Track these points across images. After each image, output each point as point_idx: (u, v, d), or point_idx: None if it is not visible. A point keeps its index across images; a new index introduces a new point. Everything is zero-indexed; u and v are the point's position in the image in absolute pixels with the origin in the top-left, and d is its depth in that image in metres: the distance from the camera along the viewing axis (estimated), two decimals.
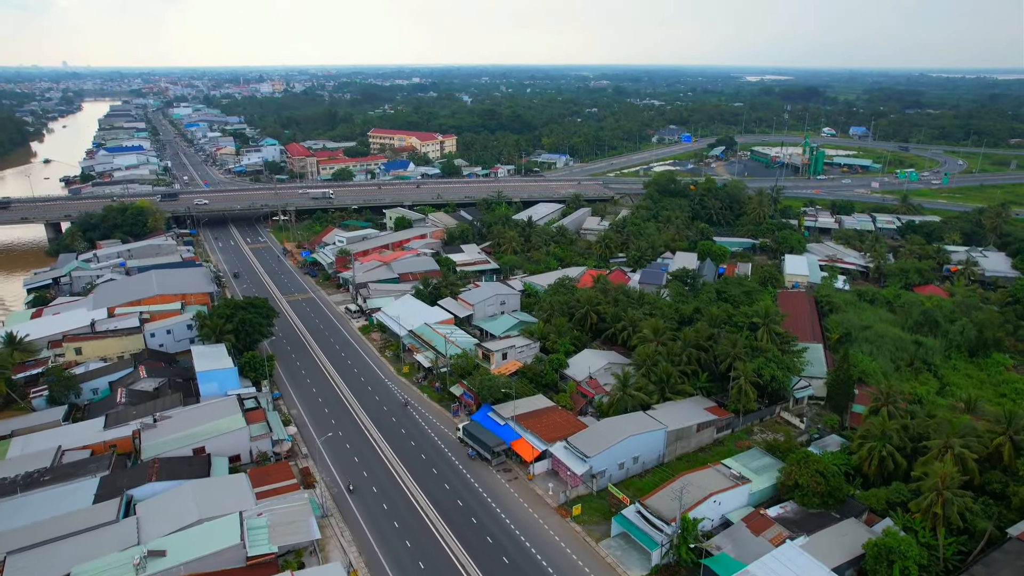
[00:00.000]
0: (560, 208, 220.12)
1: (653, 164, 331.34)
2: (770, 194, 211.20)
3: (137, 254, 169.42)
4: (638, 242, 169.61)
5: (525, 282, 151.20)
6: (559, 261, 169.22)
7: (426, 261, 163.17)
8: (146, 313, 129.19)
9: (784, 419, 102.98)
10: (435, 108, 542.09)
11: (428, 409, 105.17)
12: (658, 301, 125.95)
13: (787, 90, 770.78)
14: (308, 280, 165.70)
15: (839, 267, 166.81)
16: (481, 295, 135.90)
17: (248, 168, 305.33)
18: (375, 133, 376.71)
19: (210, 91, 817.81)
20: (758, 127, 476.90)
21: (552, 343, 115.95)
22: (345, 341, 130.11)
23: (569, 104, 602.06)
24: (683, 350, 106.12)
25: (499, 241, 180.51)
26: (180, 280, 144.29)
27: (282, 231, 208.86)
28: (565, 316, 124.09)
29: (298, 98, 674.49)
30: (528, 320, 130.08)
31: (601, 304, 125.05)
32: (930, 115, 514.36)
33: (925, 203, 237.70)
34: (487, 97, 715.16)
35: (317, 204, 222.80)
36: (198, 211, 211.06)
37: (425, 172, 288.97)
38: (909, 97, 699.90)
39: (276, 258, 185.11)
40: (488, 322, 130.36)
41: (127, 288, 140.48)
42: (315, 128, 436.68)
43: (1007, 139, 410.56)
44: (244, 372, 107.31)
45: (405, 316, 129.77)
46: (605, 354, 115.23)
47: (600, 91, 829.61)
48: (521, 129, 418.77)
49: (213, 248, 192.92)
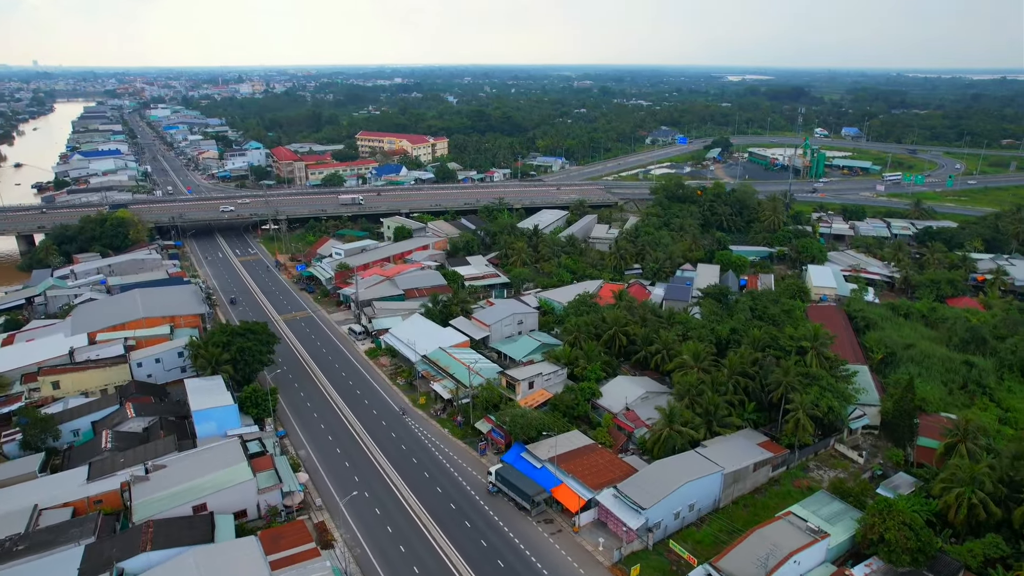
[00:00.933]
0: (565, 215, 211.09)
1: (650, 167, 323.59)
2: (783, 200, 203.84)
3: (119, 270, 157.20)
4: (655, 253, 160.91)
5: (540, 298, 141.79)
6: (571, 273, 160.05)
7: (432, 275, 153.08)
8: (131, 339, 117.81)
9: (840, 452, 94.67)
10: (422, 109, 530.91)
11: (451, 447, 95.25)
12: (690, 321, 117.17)
13: (773, 90, 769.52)
14: (305, 297, 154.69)
15: (863, 278, 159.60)
16: (497, 314, 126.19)
17: (233, 173, 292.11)
18: (363, 136, 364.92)
19: (188, 92, 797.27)
20: (750, 128, 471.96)
21: (581, 369, 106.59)
22: (351, 367, 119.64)
23: (557, 105, 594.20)
24: (729, 378, 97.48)
25: (507, 252, 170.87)
26: (168, 300, 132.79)
27: (273, 241, 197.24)
28: (591, 338, 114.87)
29: (280, 99, 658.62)
30: (550, 342, 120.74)
31: (629, 325, 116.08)
32: (919, 115, 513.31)
33: (934, 207, 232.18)
34: (472, 98, 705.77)
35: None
36: (183, 221, 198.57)
37: (419, 177, 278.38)
38: (894, 97, 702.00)
39: (269, 271, 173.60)
40: (507, 344, 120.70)
41: (109, 310, 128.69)
42: (300, 130, 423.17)
43: (999, 139, 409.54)
44: (245, 408, 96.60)
45: (416, 338, 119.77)
46: (639, 381, 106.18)
47: (585, 91, 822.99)
48: (512, 131, 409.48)
49: (200, 261, 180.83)
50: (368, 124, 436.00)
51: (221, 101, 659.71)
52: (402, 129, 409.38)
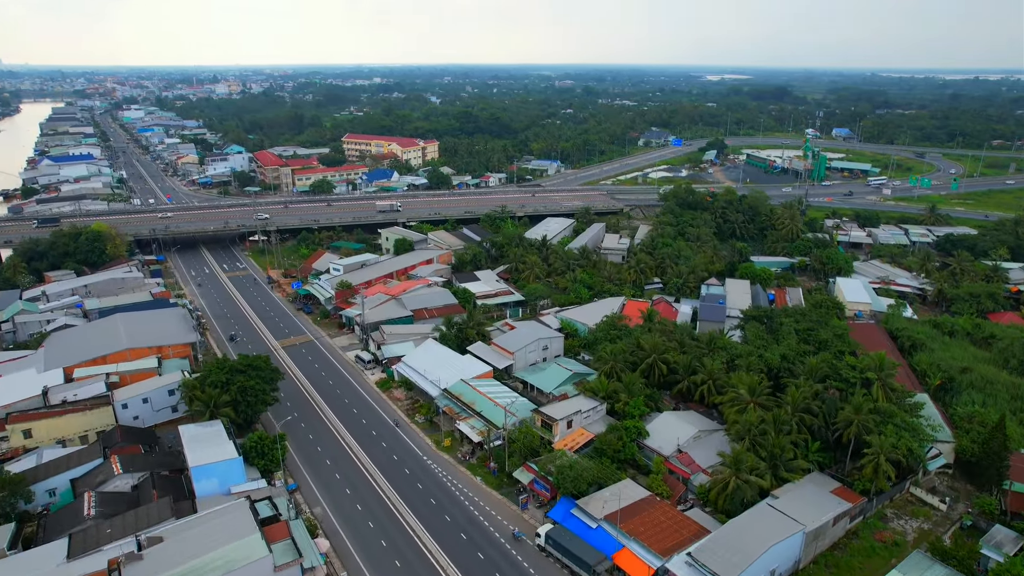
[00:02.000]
0: (571, 224, 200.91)
1: (647, 170, 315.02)
2: (799, 206, 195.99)
3: (96, 290, 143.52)
4: (678, 267, 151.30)
5: (562, 319, 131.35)
6: (588, 289, 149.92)
7: (441, 293, 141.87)
8: (114, 374, 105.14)
9: (917, 498, 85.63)
10: (406, 110, 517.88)
11: (485, 499, 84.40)
12: (735, 347, 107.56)
13: (756, 90, 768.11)
14: (303, 318, 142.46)
15: (894, 291, 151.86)
16: (520, 340, 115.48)
17: (215, 179, 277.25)
18: (350, 139, 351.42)
19: (162, 92, 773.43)
20: (741, 129, 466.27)
21: (623, 404, 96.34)
22: (362, 402, 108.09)
23: (543, 105, 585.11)
24: (791, 415, 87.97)
25: (517, 266, 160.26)
26: (154, 326, 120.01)
27: (263, 255, 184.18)
28: (628, 367, 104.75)
29: (258, 100, 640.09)
30: (581, 370, 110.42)
31: (669, 351, 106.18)
32: (907, 116, 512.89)
33: (918, 208, 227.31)
34: (455, 98, 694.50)
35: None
36: (166, 234, 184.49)
37: (411, 182, 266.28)
38: (877, 97, 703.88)
39: (260, 289, 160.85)
40: (534, 374, 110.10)
41: (88, 339, 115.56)
42: (281, 133, 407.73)
43: (989, 140, 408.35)
44: (249, 458, 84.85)
45: (433, 368, 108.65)
46: (687, 417, 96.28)
47: (569, 91, 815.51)
48: (500, 132, 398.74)
49: (186, 278, 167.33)
50: (352, 126, 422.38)
51: (197, 102, 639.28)
52: (388, 131, 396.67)
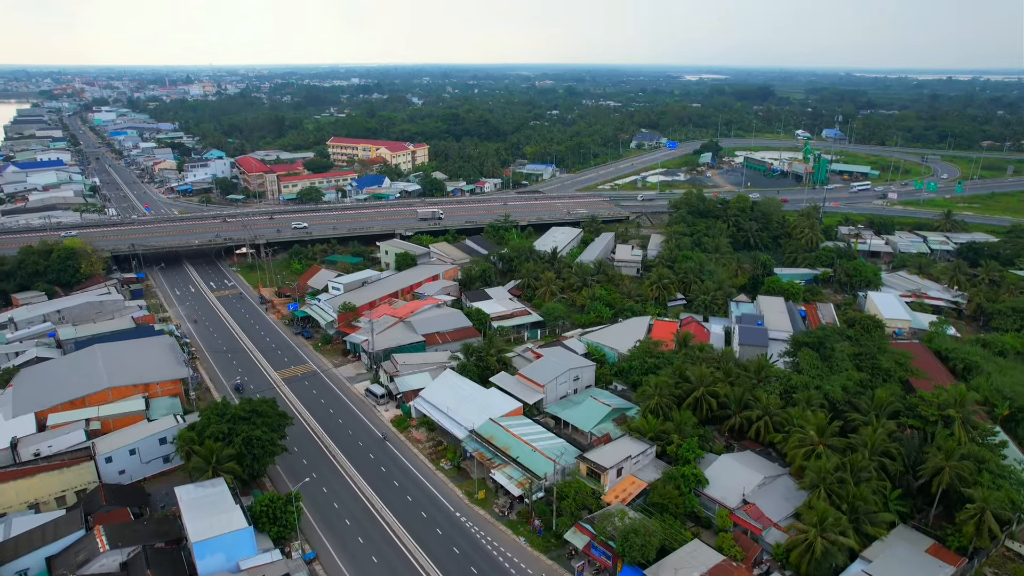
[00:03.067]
0: (579, 233, 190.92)
1: (644, 174, 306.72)
2: (816, 213, 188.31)
3: (71, 316, 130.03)
4: (705, 283, 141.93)
5: (587, 343, 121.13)
6: (608, 307, 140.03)
7: (453, 315, 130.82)
8: (95, 419, 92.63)
9: (1016, 552, 76.84)
10: (387, 111, 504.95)
11: (534, 566, 73.77)
12: (789, 377, 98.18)
13: (739, 90, 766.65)
14: (302, 344, 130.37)
15: (928, 304, 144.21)
16: (549, 370, 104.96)
17: (195, 186, 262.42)
18: (335, 142, 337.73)
19: (133, 93, 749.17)
20: (731, 130, 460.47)
21: (675, 447, 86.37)
22: (379, 444, 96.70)
23: (528, 106, 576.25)
24: (869, 460, 78.75)
25: (529, 282, 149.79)
26: (139, 360, 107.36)
27: (252, 270, 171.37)
28: (672, 399, 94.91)
29: (235, 101, 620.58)
30: (619, 405, 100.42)
31: (717, 383, 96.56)
32: (893, 117, 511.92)
33: (931, 213, 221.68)
34: (436, 99, 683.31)
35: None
36: (146, 249, 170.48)
37: (404, 189, 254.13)
38: (859, 98, 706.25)
39: (252, 309, 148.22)
40: (569, 410, 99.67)
41: (63, 377, 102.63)
42: (262, 136, 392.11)
43: (979, 141, 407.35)
44: (260, 523, 73.30)
45: (456, 405, 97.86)
46: (748, 460, 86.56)
47: (551, 92, 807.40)
48: (489, 135, 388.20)
49: (169, 298, 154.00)
50: (336, 129, 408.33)
51: (171, 103, 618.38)
52: (372, 134, 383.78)
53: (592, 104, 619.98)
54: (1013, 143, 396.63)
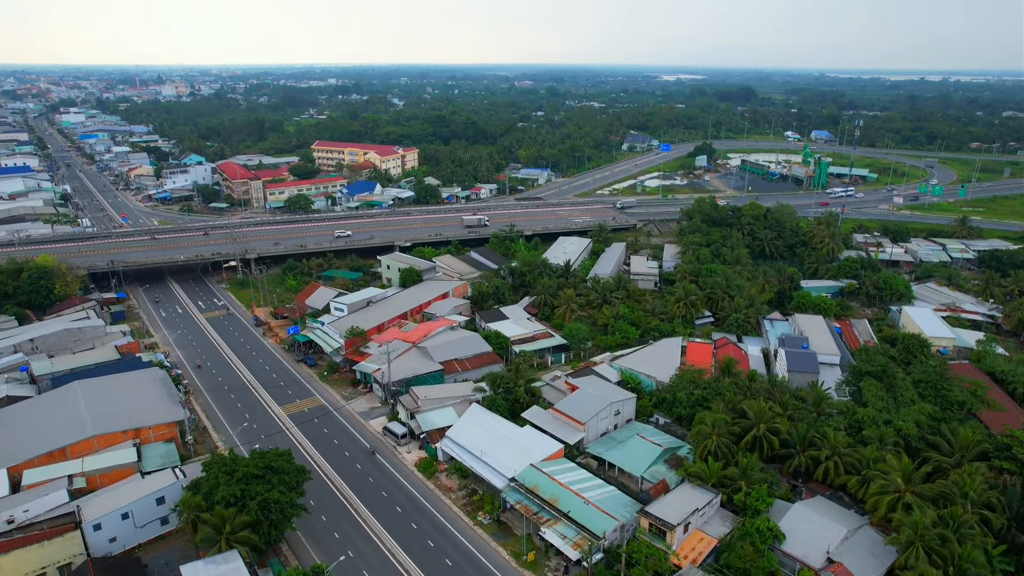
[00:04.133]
0: (588, 244, 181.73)
1: (642, 177, 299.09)
2: (835, 222, 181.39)
3: (46, 345, 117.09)
4: (736, 300, 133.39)
5: (620, 369, 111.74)
6: (633, 326, 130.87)
7: (470, 339, 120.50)
8: (80, 475, 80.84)
9: None
10: (370, 113, 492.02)
11: None
12: (857, 411, 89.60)
13: (721, 91, 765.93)
14: (306, 372, 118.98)
15: (964, 319, 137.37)
16: (589, 405, 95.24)
17: (174, 194, 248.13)
18: (320, 146, 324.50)
19: (102, 93, 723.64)
20: (721, 131, 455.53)
21: (743, 496, 77.25)
22: (405, 495, 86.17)
23: (511, 107, 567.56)
24: (970, 512, 70.41)
25: (545, 299, 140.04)
26: (127, 399, 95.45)
27: (243, 287, 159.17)
28: (732, 440, 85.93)
29: (210, 102, 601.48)
30: (670, 443, 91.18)
31: (777, 418, 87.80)
32: (880, 118, 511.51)
33: (944, 220, 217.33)
34: (418, 100, 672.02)
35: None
36: (126, 265, 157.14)
37: (397, 196, 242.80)
38: (840, 98, 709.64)
39: (246, 332, 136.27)
40: (613, 450, 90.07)
41: (41, 422, 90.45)
42: (242, 139, 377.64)
43: (967, 143, 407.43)
44: None
45: (490, 447, 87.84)
46: (824, 509, 77.69)
47: (532, 92, 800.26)
48: (477, 138, 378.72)
49: (155, 321, 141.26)
50: (318, 132, 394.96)
51: (143, 105, 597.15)
52: (356, 137, 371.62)
53: (576, 105, 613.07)
54: (1001, 144, 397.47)
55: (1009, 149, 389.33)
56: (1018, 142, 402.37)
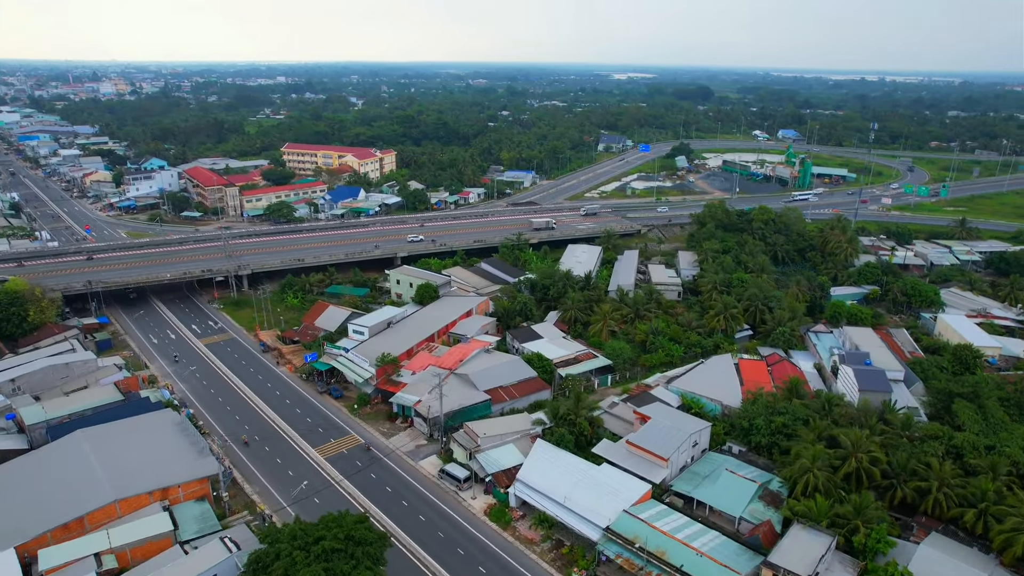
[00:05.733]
0: (600, 252, 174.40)
1: (627, 179, 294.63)
2: (850, 225, 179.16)
3: (31, 385, 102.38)
4: (777, 312, 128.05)
5: (678, 392, 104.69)
6: (673, 342, 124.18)
7: (512, 363, 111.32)
8: (108, 553, 68.57)
9: None
10: (332, 113, 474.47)
11: None
12: (957, 437, 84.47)
13: (679, 90, 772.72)
14: (332, 405, 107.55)
15: (998, 325, 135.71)
16: (669, 438, 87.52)
17: (139, 202, 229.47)
18: (290, 149, 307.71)
19: (34, 91, 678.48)
20: (691, 131, 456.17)
21: (863, 537, 70.91)
22: (482, 549, 76.65)
23: (477, 107, 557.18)
24: None
25: (574, 314, 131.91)
26: (145, 450, 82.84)
27: (239, 307, 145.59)
28: (827, 470, 79.70)
29: (157, 102, 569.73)
30: (759, 476, 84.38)
31: (874, 449, 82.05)
32: (840, 117, 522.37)
33: (938, 220, 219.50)
34: (376, 99, 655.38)
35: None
36: (106, 285, 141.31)
37: (383, 201, 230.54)
38: (796, 97, 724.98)
39: (254, 359, 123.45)
40: (704, 488, 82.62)
41: (46, 487, 77.14)
42: (200, 141, 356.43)
43: (927, 142, 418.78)
44: None
45: (570, 490, 79.36)
46: (951, 549, 72.02)
47: (491, 91, 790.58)
48: (450, 139, 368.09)
49: (146, 349, 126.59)
50: (282, 132, 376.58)
51: (82, 103, 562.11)
52: (323, 139, 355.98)
53: (538, 105, 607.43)
54: (960, 144, 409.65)
55: (967, 148, 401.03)
56: (974, 141, 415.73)
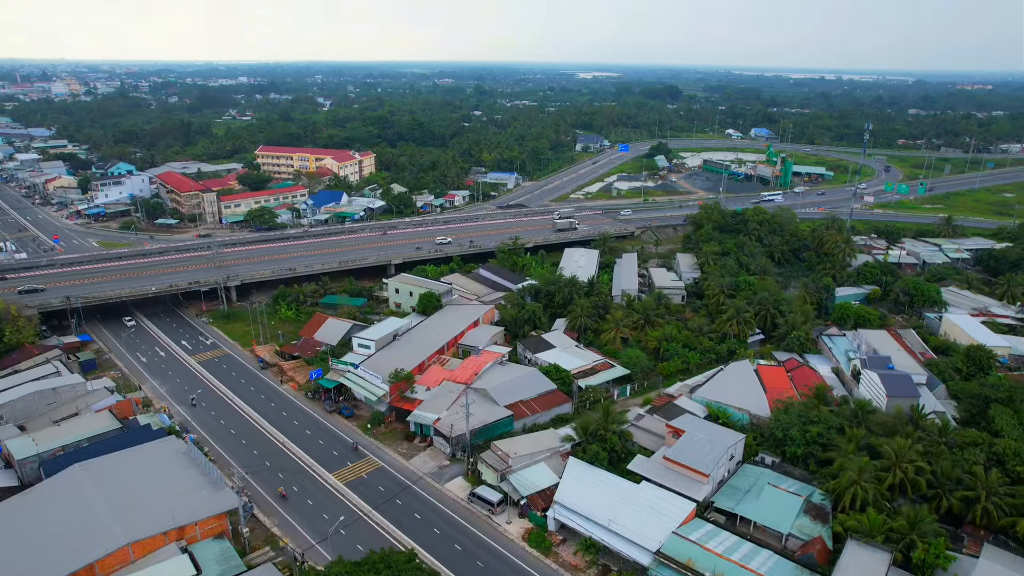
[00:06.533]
0: (597, 255, 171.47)
1: (609, 179, 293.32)
2: (846, 225, 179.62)
3: (15, 415, 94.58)
4: (790, 316, 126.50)
5: (703, 401, 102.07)
6: (686, 348, 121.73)
7: (529, 376, 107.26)
8: None
9: None
10: (300, 114, 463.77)
11: None
12: (997, 444, 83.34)
13: (648, 89, 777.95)
14: (343, 425, 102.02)
15: (1001, 324, 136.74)
16: (706, 452, 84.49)
17: (109, 209, 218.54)
18: (264, 151, 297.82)
19: None
20: (665, 130, 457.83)
21: (922, 553, 68.94)
22: None
23: (448, 107, 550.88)
24: None
25: (582, 322, 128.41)
26: (153, 484, 76.61)
27: (229, 320, 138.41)
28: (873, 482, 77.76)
29: (115, 102, 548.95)
30: (799, 489, 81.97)
31: (916, 458, 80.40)
32: (809, 115, 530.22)
33: (921, 218, 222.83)
34: (344, 99, 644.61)
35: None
36: (87, 300, 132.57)
37: (368, 206, 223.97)
38: (762, 96, 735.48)
39: (253, 376, 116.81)
40: (748, 504, 79.69)
41: (47, 530, 70.29)
42: (168, 144, 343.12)
43: (895, 140, 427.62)
44: None
45: (613, 511, 76.00)
46: (1007, 560, 70.59)
47: (459, 91, 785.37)
48: (426, 140, 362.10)
49: (135, 368, 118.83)
50: (252, 135, 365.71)
51: (34, 104, 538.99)
52: (296, 140, 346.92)
53: (510, 104, 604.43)
54: (926, 141, 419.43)
55: (933, 146, 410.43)
56: (939, 139, 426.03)
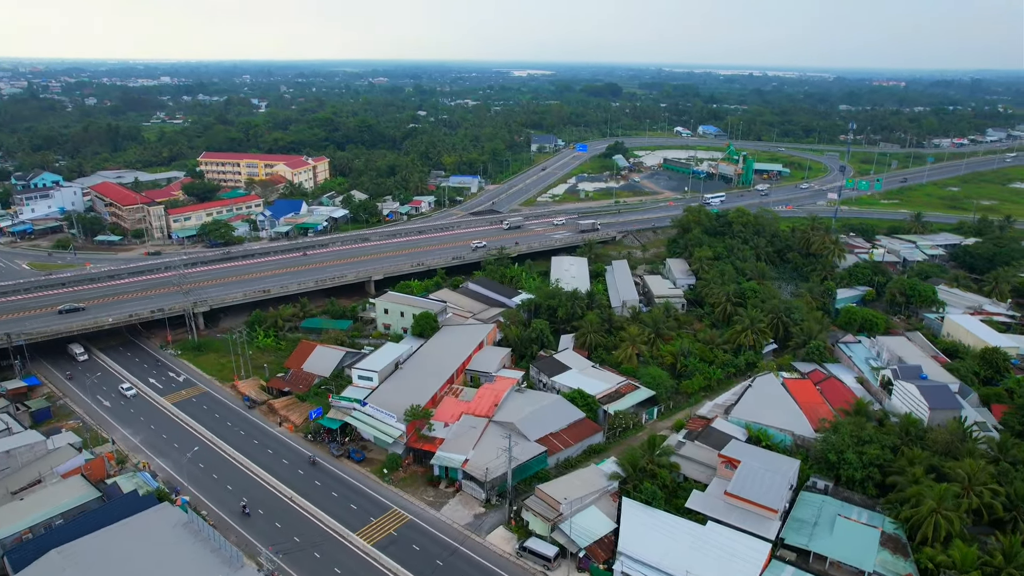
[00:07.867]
0: (586, 263, 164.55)
1: (572, 180, 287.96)
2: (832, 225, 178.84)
3: None
4: (808, 325, 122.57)
5: (747, 424, 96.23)
6: (703, 361, 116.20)
7: (555, 404, 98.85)
8: None
9: None
10: (236, 116, 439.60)
11: None
12: None
13: (588, 87, 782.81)
14: (354, 471, 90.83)
15: (998, 322, 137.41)
16: (769, 485, 78.34)
17: (37, 226, 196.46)
18: (208, 158, 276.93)
19: None
20: (614, 129, 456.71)
21: None
22: None
23: (392, 107, 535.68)
24: None
25: (593, 339, 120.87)
26: (151, 568, 63.92)
27: (199, 352, 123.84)
28: (954, 510, 73.38)
29: (26, 104, 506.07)
30: (872, 516, 76.85)
31: (989, 480, 76.62)
32: (751, 111, 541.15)
33: (887, 214, 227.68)
34: (279, 100, 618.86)
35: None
36: (31, 337, 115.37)
37: (331, 215, 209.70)
38: (700, 92, 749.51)
39: (246, 421, 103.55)
40: (822, 540, 73.83)
41: None
42: (95, 151, 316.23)
43: (837, 136, 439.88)
44: None
45: (689, 561, 68.73)
46: None
47: (397, 90, 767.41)
48: (375, 142, 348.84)
49: (98, 415, 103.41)
50: (189, 140, 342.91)
51: None
52: (238, 145, 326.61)
53: (453, 103, 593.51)
54: (865, 137, 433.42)
55: (872, 141, 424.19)
56: (876, 134, 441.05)
